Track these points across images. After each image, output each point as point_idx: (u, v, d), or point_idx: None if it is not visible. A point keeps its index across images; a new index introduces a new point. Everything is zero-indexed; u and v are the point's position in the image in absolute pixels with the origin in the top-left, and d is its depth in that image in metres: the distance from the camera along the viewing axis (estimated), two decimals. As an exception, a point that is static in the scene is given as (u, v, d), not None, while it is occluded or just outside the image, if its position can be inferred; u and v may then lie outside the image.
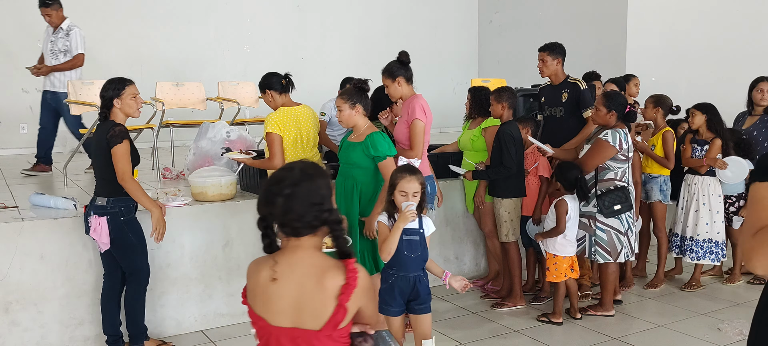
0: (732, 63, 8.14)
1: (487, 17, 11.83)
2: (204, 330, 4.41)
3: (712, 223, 5.07)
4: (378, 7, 11.01)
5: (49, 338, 3.97)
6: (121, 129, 3.60)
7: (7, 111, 8.58)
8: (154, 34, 9.35)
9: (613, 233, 4.42)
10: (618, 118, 4.35)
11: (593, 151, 4.38)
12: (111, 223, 3.62)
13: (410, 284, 3.29)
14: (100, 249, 3.71)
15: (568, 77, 5.12)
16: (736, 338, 4.21)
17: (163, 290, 4.21)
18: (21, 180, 5.88)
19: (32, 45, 8.69)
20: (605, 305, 4.61)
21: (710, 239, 5.10)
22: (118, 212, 3.64)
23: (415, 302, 3.31)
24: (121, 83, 3.70)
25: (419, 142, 4.08)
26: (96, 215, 3.63)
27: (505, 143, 4.52)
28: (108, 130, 3.58)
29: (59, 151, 8.35)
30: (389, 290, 3.30)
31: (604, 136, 4.34)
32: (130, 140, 3.64)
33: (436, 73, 11.20)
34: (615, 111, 4.34)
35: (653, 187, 5.14)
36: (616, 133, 4.32)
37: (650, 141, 5.13)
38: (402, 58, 4.18)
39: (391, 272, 3.30)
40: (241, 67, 9.49)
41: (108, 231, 3.62)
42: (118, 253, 3.72)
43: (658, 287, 5.18)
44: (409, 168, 3.31)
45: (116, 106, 3.67)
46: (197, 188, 4.49)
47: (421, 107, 4.08)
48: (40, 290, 3.92)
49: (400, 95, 4.21)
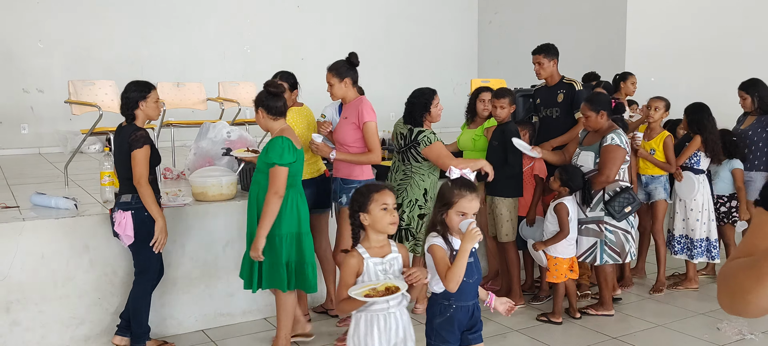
0: (731, 63, 8.14)
1: (487, 17, 11.84)
2: (204, 330, 4.42)
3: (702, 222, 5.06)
4: (378, 7, 11.01)
5: (49, 338, 3.98)
6: (143, 133, 3.73)
7: (7, 111, 8.59)
8: (155, 34, 9.37)
9: (621, 234, 4.43)
10: (608, 116, 4.34)
11: (609, 161, 4.30)
12: (135, 217, 3.72)
13: (469, 313, 2.87)
14: (124, 243, 3.78)
15: (563, 78, 5.08)
16: (735, 337, 4.22)
17: (164, 290, 4.22)
18: (21, 180, 5.89)
19: (32, 45, 8.72)
20: (605, 303, 4.62)
21: (707, 239, 5.10)
22: (141, 207, 3.73)
23: (470, 331, 2.91)
24: (146, 87, 3.84)
25: (377, 143, 4.03)
26: (121, 210, 3.71)
27: (509, 143, 4.53)
28: (130, 133, 3.70)
29: (60, 151, 8.39)
30: (447, 324, 2.84)
31: (612, 142, 4.30)
32: (151, 144, 3.76)
33: (436, 73, 11.20)
34: (603, 111, 4.33)
35: (657, 186, 5.13)
36: (619, 135, 4.33)
37: (650, 144, 5.10)
38: (351, 59, 4.08)
39: (448, 302, 2.83)
40: (241, 68, 9.51)
41: (132, 225, 3.71)
42: (134, 248, 3.78)
43: (662, 292, 5.17)
44: (467, 183, 2.83)
45: (141, 108, 3.79)
46: (198, 188, 4.51)
47: (370, 108, 4.04)
48: (41, 290, 3.93)
49: (343, 96, 4.10)
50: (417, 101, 4.32)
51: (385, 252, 2.71)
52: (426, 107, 4.29)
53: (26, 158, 8.00)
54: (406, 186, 4.35)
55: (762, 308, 1.32)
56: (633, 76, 6.43)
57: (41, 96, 8.76)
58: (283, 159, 3.53)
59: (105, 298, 4.11)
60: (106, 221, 4.01)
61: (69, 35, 8.86)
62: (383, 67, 10.52)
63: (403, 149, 4.35)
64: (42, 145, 8.73)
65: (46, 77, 8.73)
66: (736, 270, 1.35)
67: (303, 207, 3.73)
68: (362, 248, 2.69)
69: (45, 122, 8.72)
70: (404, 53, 11.14)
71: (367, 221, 2.67)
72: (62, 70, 8.55)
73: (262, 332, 4.35)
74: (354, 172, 4.13)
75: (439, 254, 2.75)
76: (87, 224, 4.05)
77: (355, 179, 4.09)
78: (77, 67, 8.61)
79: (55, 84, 8.51)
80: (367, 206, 2.67)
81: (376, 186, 2.76)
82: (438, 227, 2.81)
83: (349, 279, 2.65)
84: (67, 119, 8.01)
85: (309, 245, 3.74)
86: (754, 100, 5.23)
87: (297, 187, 3.72)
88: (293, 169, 3.63)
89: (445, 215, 2.78)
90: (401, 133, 4.39)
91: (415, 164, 4.32)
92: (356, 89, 4.16)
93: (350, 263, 2.66)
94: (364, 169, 4.15)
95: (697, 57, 8.55)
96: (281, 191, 3.52)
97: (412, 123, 4.32)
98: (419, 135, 4.26)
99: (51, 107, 8.52)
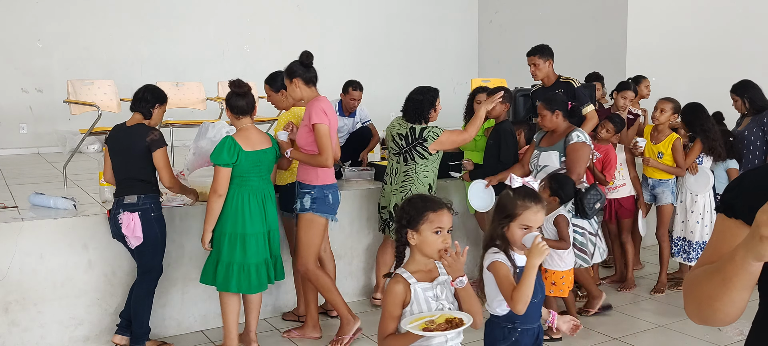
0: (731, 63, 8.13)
1: (487, 17, 11.83)
2: (204, 330, 4.41)
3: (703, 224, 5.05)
4: (378, 7, 11.00)
5: (48, 339, 3.97)
6: (159, 133, 3.79)
7: (7, 111, 8.58)
8: (154, 34, 9.36)
9: (587, 235, 4.39)
10: (564, 116, 4.31)
11: (575, 158, 4.24)
12: (142, 218, 3.72)
13: (533, 337, 2.60)
14: (131, 245, 3.76)
15: (559, 77, 5.04)
16: (737, 337, 4.21)
17: (163, 290, 4.21)
18: (20, 180, 5.88)
19: (32, 45, 8.71)
20: (594, 296, 4.60)
21: (705, 242, 5.09)
22: (149, 207, 3.75)
23: None
24: (163, 97, 3.94)
25: (327, 146, 3.78)
26: (127, 212, 3.70)
27: (505, 139, 4.52)
28: (148, 134, 3.75)
29: (58, 151, 8.37)
30: None
31: (577, 139, 4.25)
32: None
33: (436, 73, 11.19)
34: (559, 110, 4.30)
35: (665, 190, 5.10)
36: (582, 133, 4.29)
37: (657, 147, 5.07)
38: (302, 59, 3.94)
39: (513, 326, 2.55)
40: (241, 67, 9.47)
41: (141, 225, 3.71)
42: (140, 248, 3.77)
43: (663, 292, 5.16)
44: (531, 193, 2.57)
45: (154, 113, 3.85)
46: (197, 188, 4.48)
47: (321, 110, 3.80)
48: (40, 290, 3.92)
49: (299, 97, 3.98)
50: (424, 98, 4.32)
51: (434, 275, 2.35)
52: (432, 104, 4.33)
53: (25, 158, 7.99)
54: (410, 186, 4.34)
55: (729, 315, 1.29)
56: (646, 80, 6.41)
57: (40, 96, 8.75)
58: (220, 159, 3.61)
59: (104, 298, 4.10)
60: (106, 221, 4.00)
61: (68, 35, 8.84)
62: (383, 67, 10.51)
63: (406, 149, 4.33)
64: (41, 145, 8.72)
65: (45, 77, 8.71)
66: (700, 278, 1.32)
67: (254, 208, 3.69)
68: (407, 271, 2.32)
69: (44, 122, 8.70)
70: (404, 53, 11.13)
71: (415, 240, 2.31)
72: (61, 70, 8.53)
73: (262, 333, 4.34)
74: (309, 175, 3.91)
75: (503, 271, 2.47)
76: (86, 224, 4.04)
77: (310, 184, 3.90)
78: (76, 66, 8.59)
79: (54, 84, 8.50)
80: (418, 224, 2.30)
81: (434, 203, 2.35)
82: (498, 241, 2.53)
83: (395, 310, 2.25)
84: (66, 119, 7.99)
85: (253, 246, 3.70)
86: (744, 102, 5.24)
87: (249, 187, 3.69)
88: (240, 169, 3.65)
89: (506, 229, 2.51)
90: (400, 133, 4.35)
91: (420, 162, 4.31)
92: (312, 89, 3.95)
93: (396, 291, 2.25)
94: (319, 173, 3.89)
95: (697, 57, 8.54)
96: (219, 190, 3.62)
97: (417, 121, 4.29)
98: (424, 132, 4.25)
99: (50, 107, 8.51)
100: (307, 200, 3.89)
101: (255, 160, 3.70)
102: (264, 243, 3.78)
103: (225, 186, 3.63)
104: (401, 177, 4.37)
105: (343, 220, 4.85)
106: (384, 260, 4.71)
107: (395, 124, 4.43)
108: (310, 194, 3.89)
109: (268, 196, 3.81)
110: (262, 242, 3.77)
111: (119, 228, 3.73)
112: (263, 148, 3.74)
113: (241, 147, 3.64)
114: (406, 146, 4.32)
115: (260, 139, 3.76)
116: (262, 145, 3.74)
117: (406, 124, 4.35)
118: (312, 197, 3.88)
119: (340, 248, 4.90)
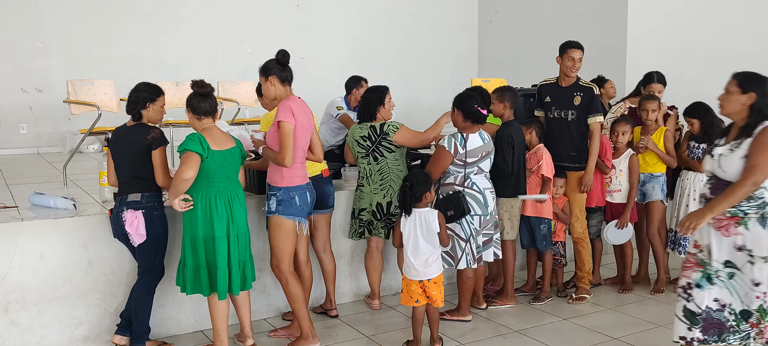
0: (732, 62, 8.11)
1: (487, 17, 11.82)
2: (204, 330, 4.41)
3: None
4: (378, 7, 11.00)
5: (48, 339, 3.97)
6: (160, 132, 3.76)
7: (7, 111, 8.58)
8: (154, 34, 9.35)
9: (455, 239, 4.30)
10: (464, 118, 4.25)
11: (433, 159, 4.29)
12: (146, 216, 3.73)
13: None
14: (134, 243, 3.76)
15: (579, 80, 4.89)
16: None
17: (163, 290, 4.20)
18: (20, 180, 5.87)
19: (32, 45, 8.71)
20: (462, 310, 4.54)
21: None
22: (152, 205, 3.76)
23: None
24: (156, 91, 3.87)
25: (287, 145, 3.69)
26: (131, 210, 3.70)
27: (501, 145, 4.51)
28: (148, 132, 3.73)
29: (58, 151, 8.37)
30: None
31: (443, 142, 4.27)
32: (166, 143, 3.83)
33: (436, 73, 11.20)
34: (458, 110, 4.27)
35: (655, 186, 5.09)
36: (452, 139, 4.25)
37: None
38: (278, 57, 3.90)
39: None
40: (241, 67, 9.48)
41: (144, 223, 3.72)
42: (141, 247, 3.78)
43: (663, 292, 5.15)
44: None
45: (147, 110, 3.81)
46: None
47: (288, 109, 3.74)
48: (40, 290, 3.92)
49: (274, 96, 3.90)
50: (371, 96, 4.54)
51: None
52: (380, 102, 4.50)
53: (25, 158, 7.99)
54: (390, 182, 4.44)
55: None
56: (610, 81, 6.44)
57: (40, 96, 8.75)
58: (190, 146, 3.51)
59: (104, 298, 4.10)
60: (106, 221, 4.00)
61: (68, 35, 8.84)
62: (383, 67, 10.50)
63: (372, 149, 4.42)
64: (41, 145, 8.72)
65: (45, 77, 8.71)
66: None
67: (221, 210, 3.63)
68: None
69: (44, 122, 8.70)
70: (404, 53, 11.12)
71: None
72: (61, 70, 8.53)
73: (262, 333, 4.34)
74: (274, 177, 3.86)
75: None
76: (86, 224, 4.04)
77: (275, 186, 3.85)
78: (76, 66, 8.59)
79: (54, 84, 8.50)
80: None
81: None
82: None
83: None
84: (66, 119, 7.99)
85: (223, 249, 3.63)
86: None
87: (216, 188, 3.63)
88: (207, 169, 3.58)
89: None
90: (362, 136, 4.45)
91: (390, 156, 4.43)
92: (287, 88, 3.91)
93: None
94: (285, 175, 3.81)
95: (697, 57, 8.53)
96: (187, 174, 3.47)
97: (368, 119, 4.49)
98: (384, 126, 4.42)
99: (50, 107, 8.51)
100: (273, 202, 3.84)
101: (221, 160, 3.63)
102: (234, 246, 3.69)
103: (194, 171, 3.50)
104: (377, 177, 4.45)
105: (343, 220, 4.85)
106: (373, 265, 4.67)
107: (355, 130, 4.51)
108: (276, 196, 3.83)
109: (235, 198, 3.71)
110: (233, 244, 3.68)
111: (122, 227, 3.73)
112: (228, 147, 3.68)
113: (209, 144, 3.58)
114: (371, 145, 4.42)
115: (225, 139, 3.70)
116: (227, 144, 3.68)
117: (366, 125, 4.47)
118: (277, 199, 3.82)
119: (341, 248, 4.90)
